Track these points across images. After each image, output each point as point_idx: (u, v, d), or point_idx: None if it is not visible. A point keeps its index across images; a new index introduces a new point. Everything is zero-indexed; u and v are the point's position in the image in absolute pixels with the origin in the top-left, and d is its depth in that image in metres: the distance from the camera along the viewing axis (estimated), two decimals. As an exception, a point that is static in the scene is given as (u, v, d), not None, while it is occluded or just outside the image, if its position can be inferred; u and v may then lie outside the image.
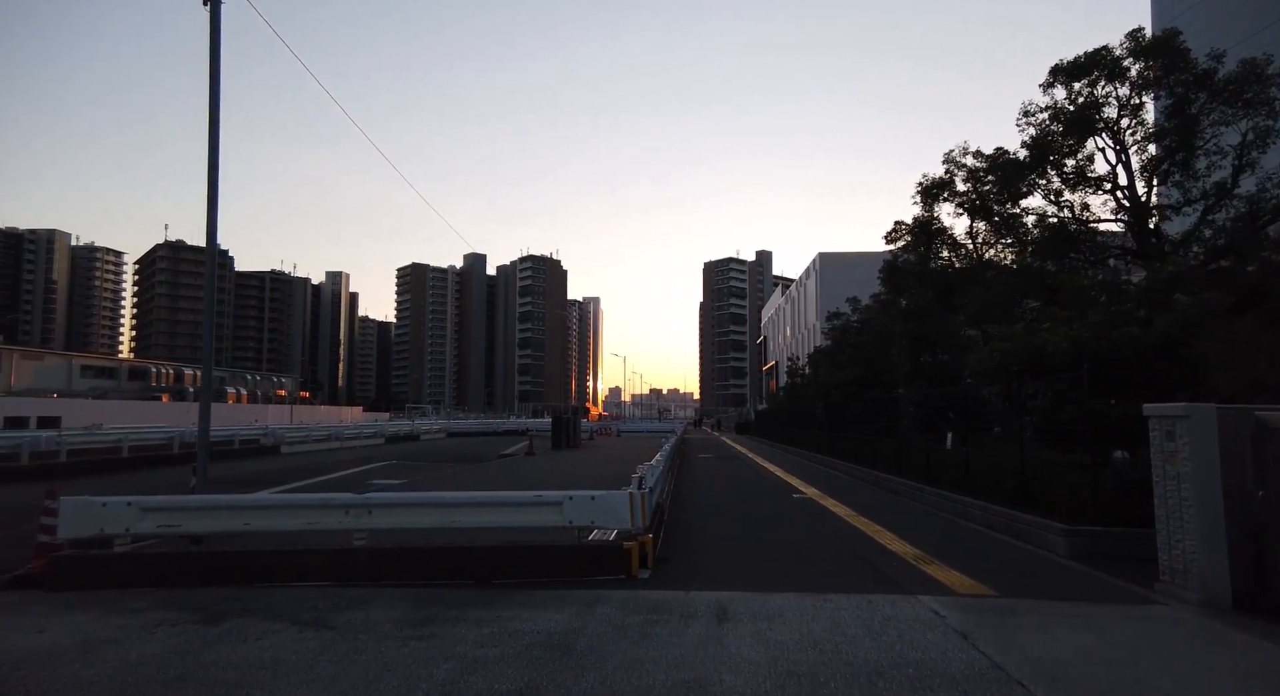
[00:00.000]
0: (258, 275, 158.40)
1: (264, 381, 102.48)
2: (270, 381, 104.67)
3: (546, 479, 15.75)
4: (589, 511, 7.24)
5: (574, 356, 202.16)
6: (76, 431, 21.84)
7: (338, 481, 15.41)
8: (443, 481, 15.21)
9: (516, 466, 20.22)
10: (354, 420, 77.19)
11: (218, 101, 9.00)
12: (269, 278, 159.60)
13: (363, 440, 32.49)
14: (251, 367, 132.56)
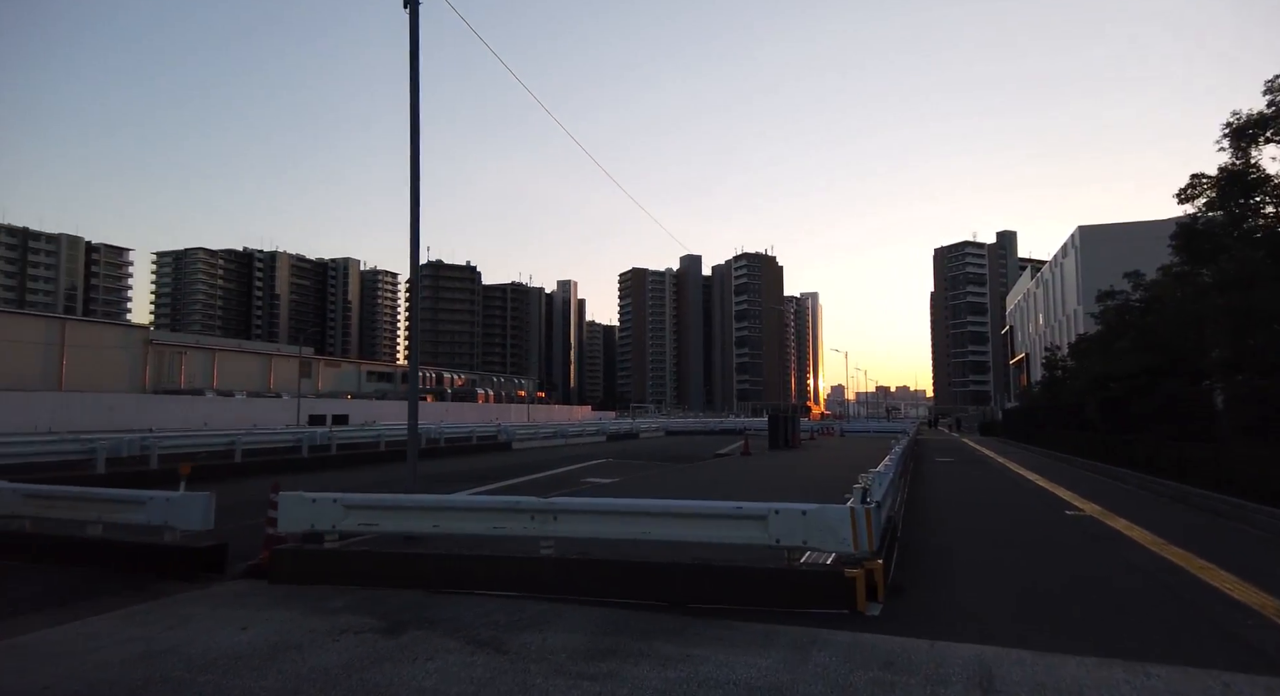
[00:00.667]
0: (500, 287, 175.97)
1: (507, 383, 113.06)
2: (512, 383, 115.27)
3: (759, 482, 14.64)
4: (799, 528, 6.04)
5: (792, 354, 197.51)
6: (352, 428, 25.15)
7: (552, 478, 15.70)
8: (653, 481, 14.79)
9: (730, 467, 19.34)
10: (582, 418, 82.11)
11: (417, 110, 9.16)
12: (509, 289, 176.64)
13: (585, 438, 33.84)
14: (497, 371, 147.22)
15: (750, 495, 12.07)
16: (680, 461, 21.62)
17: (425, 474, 16.74)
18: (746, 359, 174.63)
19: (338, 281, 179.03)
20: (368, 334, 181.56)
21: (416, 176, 9.18)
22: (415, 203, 9.18)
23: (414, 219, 9.23)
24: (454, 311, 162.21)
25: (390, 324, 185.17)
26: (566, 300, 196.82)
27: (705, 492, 12.54)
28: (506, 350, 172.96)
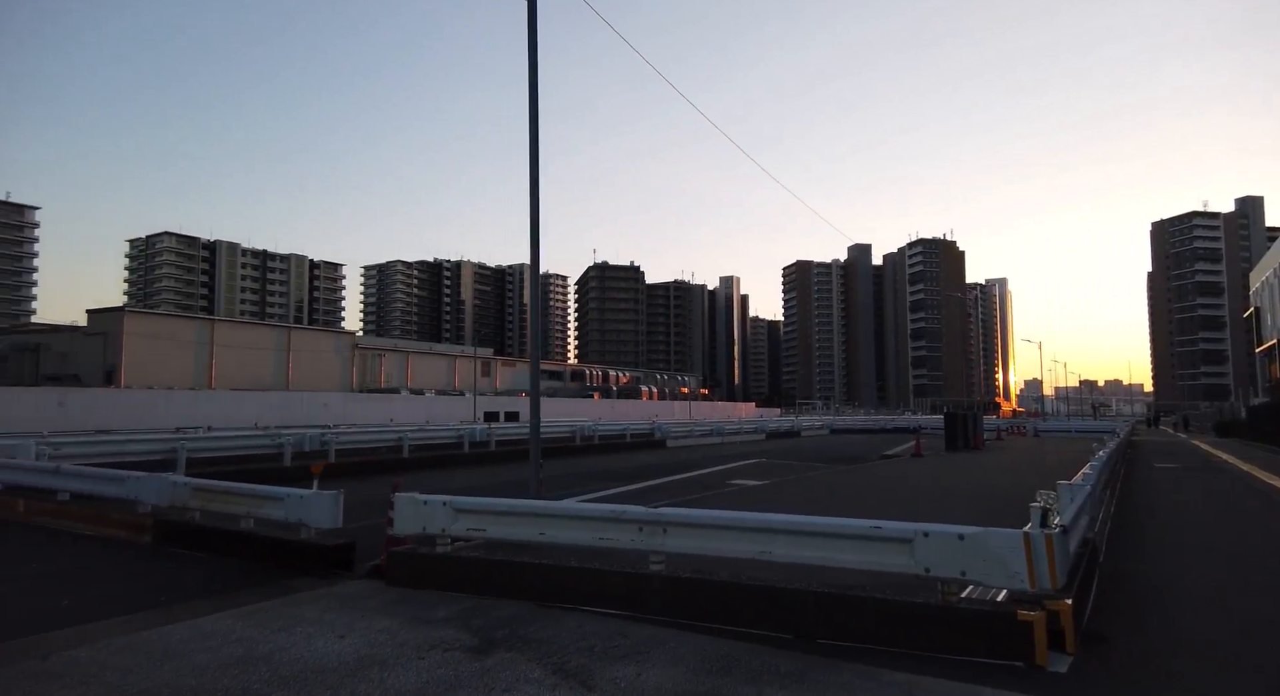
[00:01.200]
0: (663, 286, 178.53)
1: (670, 380, 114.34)
2: (675, 380, 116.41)
3: (926, 491, 13.04)
4: (955, 556, 4.94)
5: (977, 346, 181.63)
6: (511, 425, 26.24)
7: (697, 479, 15.09)
8: (805, 485, 13.70)
9: (896, 471, 17.62)
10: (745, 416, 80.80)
11: (536, 105, 8.89)
12: (672, 287, 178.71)
13: (743, 435, 32.92)
14: (661, 368, 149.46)
15: (914, 505, 10.70)
16: (840, 463, 20.14)
17: (571, 471, 16.87)
18: (923, 352, 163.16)
19: (514, 286, 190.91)
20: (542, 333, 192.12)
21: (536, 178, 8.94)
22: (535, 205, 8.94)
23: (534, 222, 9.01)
24: (619, 311, 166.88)
25: (561, 324, 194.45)
26: (729, 296, 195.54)
27: (860, 500, 11.31)
28: (670, 348, 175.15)
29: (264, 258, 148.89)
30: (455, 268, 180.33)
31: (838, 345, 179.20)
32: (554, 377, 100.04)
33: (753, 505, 10.23)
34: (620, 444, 24.61)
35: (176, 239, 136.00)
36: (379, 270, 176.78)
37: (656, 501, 10.86)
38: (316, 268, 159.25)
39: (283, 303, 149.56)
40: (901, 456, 23.48)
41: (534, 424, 8.73)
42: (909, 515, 8.76)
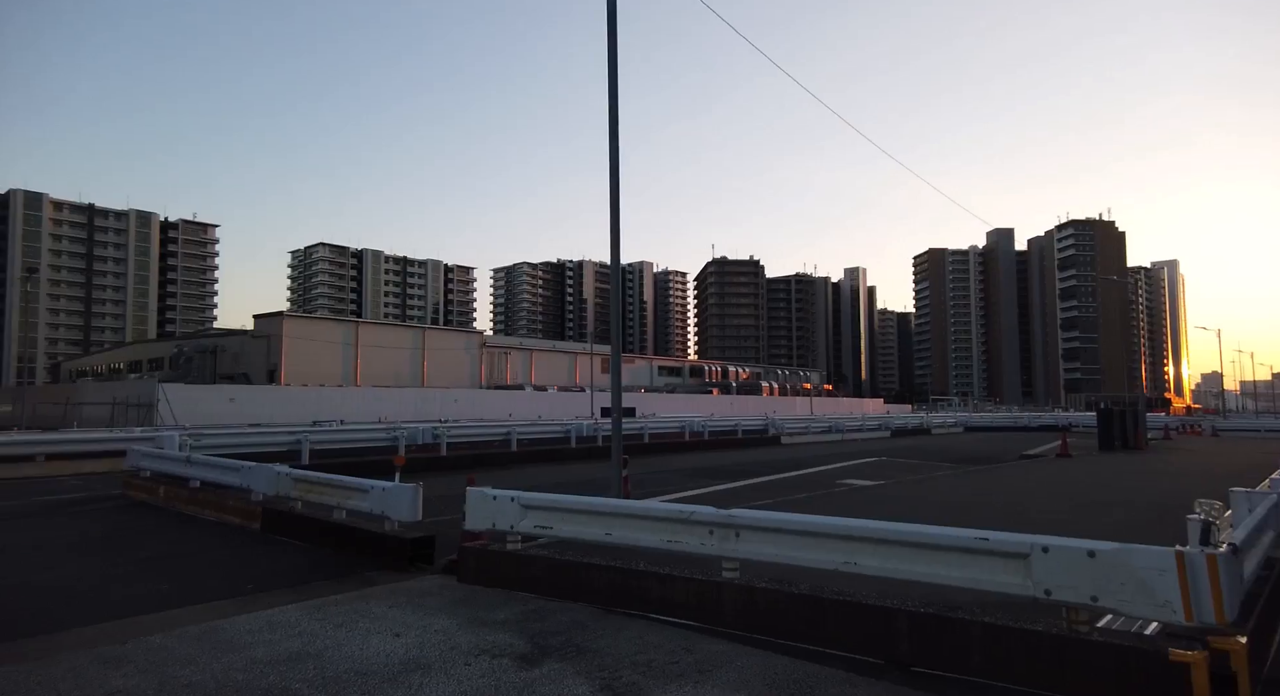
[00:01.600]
0: (784, 279, 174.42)
1: (792, 376, 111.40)
2: (797, 376, 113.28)
3: (1069, 497, 11.50)
4: (1084, 577, 4.07)
5: (1142, 336, 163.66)
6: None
7: (805, 478, 14.20)
8: (924, 487, 12.53)
9: (1035, 473, 15.85)
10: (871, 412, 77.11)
11: (616, 100, 8.50)
12: (793, 280, 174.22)
13: (865, 433, 31.16)
14: (783, 364, 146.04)
15: (1050, 513, 9.42)
16: (970, 463, 18.43)
17: (674, 467, 16.48)
18: (1076, 344, 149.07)
19: (634, 283, 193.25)
20: (661, 330, 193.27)
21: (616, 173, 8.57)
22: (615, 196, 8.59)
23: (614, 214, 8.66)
24: (738, 306, 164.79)
25: (681, 321, 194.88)
26: (855, 288, 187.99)
27: (984, 505, 10.12)
28: (792, 343, 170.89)
29: (404, 264, 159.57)
30: (577, 267, 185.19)
31: (976, 338, 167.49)
32: (673, 374, 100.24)
33: (860, 508, 9.40)
34: (732, 440, 23.94)
35: (329, 249, 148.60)
36: (506, 272, 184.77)
37: (756, 501, 10.24)
38: (450, 271, 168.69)
39: (421, 304, 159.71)
40: (1045, 457, 21.25)
41: (615, 419, 8.32)
42: (1041, 525, 7.67)
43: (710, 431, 23.80)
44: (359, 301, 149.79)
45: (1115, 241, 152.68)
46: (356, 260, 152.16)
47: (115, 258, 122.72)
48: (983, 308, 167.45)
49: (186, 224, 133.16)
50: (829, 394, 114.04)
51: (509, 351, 79.08)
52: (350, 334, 64.73)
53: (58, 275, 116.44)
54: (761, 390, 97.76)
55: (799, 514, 5.07)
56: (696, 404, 67.27)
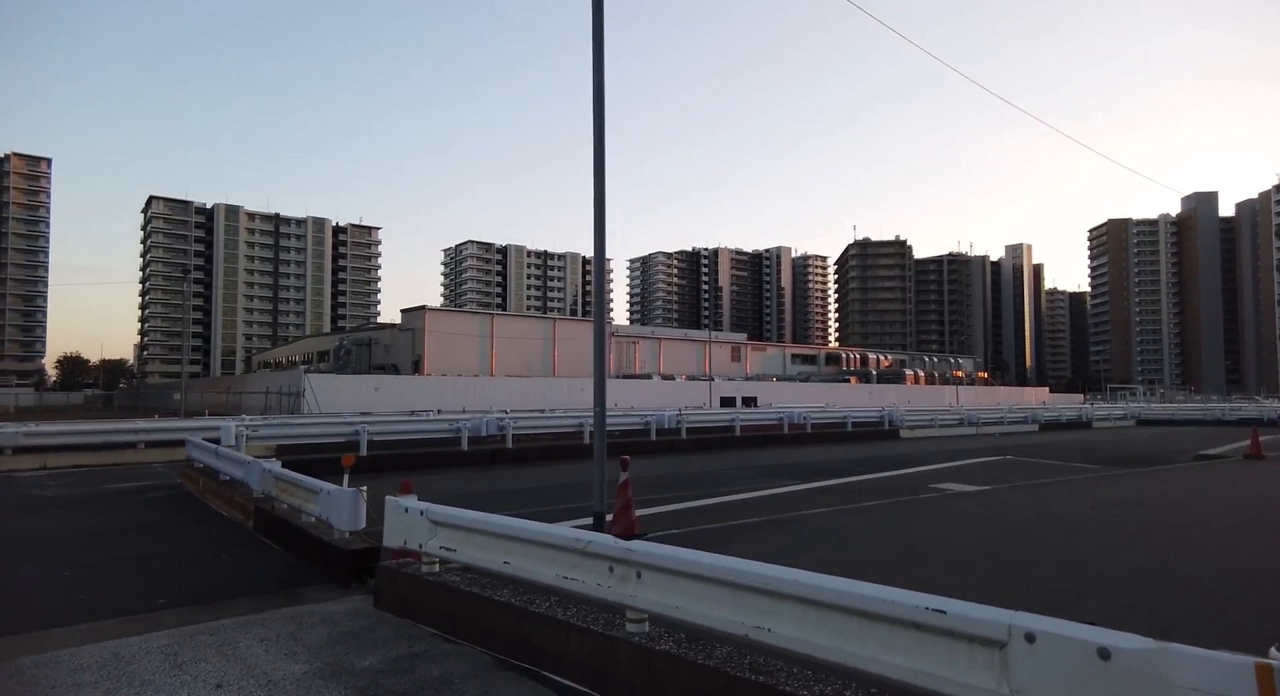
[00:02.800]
0: (934, 260, 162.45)
1: (940, 363, 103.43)
2: (947, 363, 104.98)
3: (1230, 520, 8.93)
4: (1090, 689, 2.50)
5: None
6: (712, 412, 24.87)
7: (893, 480, 12.15)
8: (1037, 496, 10.28)
9: (1197, 480, 12.77)
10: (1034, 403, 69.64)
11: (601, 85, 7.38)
12: (945, 260, 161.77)
13: (1006, 426, 27.47)
14: (934, 350, 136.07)
15: (1212, 540, 7.19)
16: (1121, 465, 15.33)
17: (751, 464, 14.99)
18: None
19: (772, 270, 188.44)
20: (800, 317, 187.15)
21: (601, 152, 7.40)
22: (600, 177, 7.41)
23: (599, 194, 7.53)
24: (882, 290, 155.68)
25: (821, 306, 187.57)
26: (1018, 266, 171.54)
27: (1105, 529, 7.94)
28: (944, 327, 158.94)
29: (544, 257, 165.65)
30: (713, 255, 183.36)
31: (1167, 318, 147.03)
32: (808, 362, 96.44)
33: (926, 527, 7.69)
34: (840, 434, 21.76)
35: (477, 246, 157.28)
36: (642, 262, 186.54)
37: (811, 507, 8.79)
38: (588, 263, 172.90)
39: (560, 296, 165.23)
40: (1228, 458, 17.46)
41: (598, 411, 7.12)
42: (1164, 567, 5.75)
43: (814, 424, 21.77)
44: (504, 294, 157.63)
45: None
46: (501, 255, 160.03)
47: (296, 261, 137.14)
48: (1175, 284, 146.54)
49: (354, 228, 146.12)
50: (984, 382, 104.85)
51: (637, 340, 79.38)
52: (486, 326, 67.68)
53: (251, 277, 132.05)
54: (905, 379, 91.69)
55: (712, 554, 3.75)
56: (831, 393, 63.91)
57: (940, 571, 5.60)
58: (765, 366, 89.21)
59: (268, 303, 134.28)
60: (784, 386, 66.28)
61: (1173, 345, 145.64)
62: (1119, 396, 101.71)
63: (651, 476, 12.61)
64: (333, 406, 38.37)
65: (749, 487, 11.20)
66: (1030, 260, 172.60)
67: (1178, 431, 29.43)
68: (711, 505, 9.45)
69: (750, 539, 6.71)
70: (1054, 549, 6.50)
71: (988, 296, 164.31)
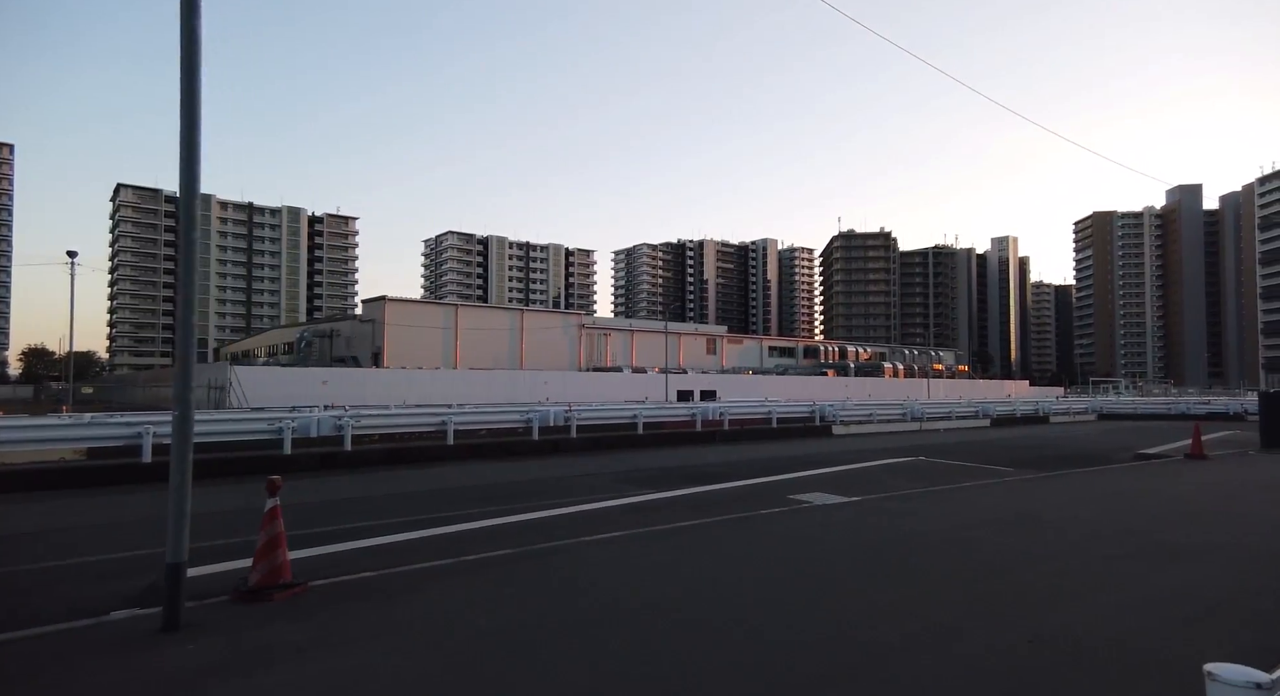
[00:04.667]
0: (919, 252, 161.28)
1: (921, 356, 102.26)
2: (928, 356, 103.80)
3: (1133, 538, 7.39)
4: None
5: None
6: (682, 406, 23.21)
7: (749, 490, 10.48)
8: (918, 510, 8.70)
9: (1119, 485, 11.28)
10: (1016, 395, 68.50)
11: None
12: (931, 253, 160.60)
13: (953, 421, 25.98)
14: (918, 343, 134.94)
15: (1047, 578, 5.58)
16: (1043, 467, 13.80)
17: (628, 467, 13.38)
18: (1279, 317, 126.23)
19: (758, 262, 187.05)
20: (786, 309, 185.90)
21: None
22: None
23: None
24: (867, 282, 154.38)
25: (807, 299, 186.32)
26: (1004, 259, 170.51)
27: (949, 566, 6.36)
28: (930, 320, 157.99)
29: (527, 249, 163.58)
30: (698, 247, 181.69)
31: (1150, 311, 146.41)
32: (786, 355, 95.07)
33: (724, 560, 6.11)
34: (763, 431, 20.09)
35: (457, 237, 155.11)
36: (626, 254, 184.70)
37: (612, 531, 7.17)
38: (571, 255, 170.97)
39: (543, 289, 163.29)
40: (1168, 458, 15.97)
41: (181, 410, 5.24)
42: (972, 633, 4.19)
43: (733, 420, 20.00)
44: (485, 286, 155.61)
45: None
46: (482, 246, 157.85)
47: (271, 251, 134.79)
48: (1159, 277, 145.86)
49: (331, 218, 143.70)
50: (964, 375, 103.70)
51: (609, 333, 77.63)
52: (450, 317, 65.76)
53: (224, 268, 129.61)
54: (883, 372, 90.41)
55: None
56: (804, 386, 62.39)
57: (621, 652, 3.94)
58: (742, 359, 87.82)
59: (241, 294, 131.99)
60: (752, 379, 64.77)
61: (1156, 338, 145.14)
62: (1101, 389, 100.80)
63: (479, 485, 10.97)
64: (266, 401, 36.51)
65: (580, 499, 9.54)
66: (1016, 253, 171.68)
67: (1136, 427, 28.01)
68: (477, 529, 7.59)
69: (426, 591, 5.08)
70: (868, 599, 4.89)
71: (973, 289, 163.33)
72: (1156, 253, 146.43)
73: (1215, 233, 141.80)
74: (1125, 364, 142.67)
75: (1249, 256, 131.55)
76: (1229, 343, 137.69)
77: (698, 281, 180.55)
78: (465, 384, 48.75)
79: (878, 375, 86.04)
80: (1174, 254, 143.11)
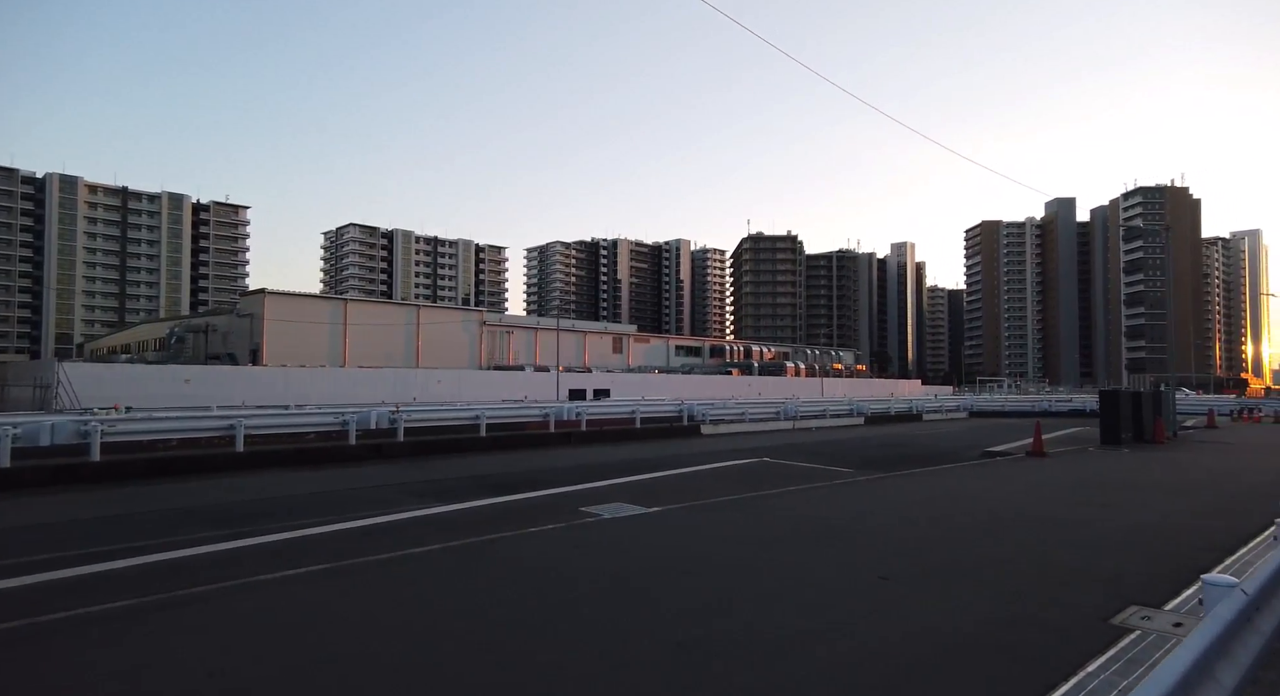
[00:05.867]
0: (824, 256, 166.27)
1: (822, 356, 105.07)
2: (828, 356, 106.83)
3: (920, 554, 6.85)
4: None
5: (1216, 312, 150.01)
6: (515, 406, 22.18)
7: (553, 500, 9.45)
8: (726, 519, 7.94)
9: (958, 488, 11.05)
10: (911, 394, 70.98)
11: None
12: (835, 257, 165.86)
13: (827, 419, 26.07)
14: (823, 344, 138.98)
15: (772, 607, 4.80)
16: (885, 467, 13.55)
17: (433, 476, 12.18)
18: (1141, 321, 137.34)
19: (671, 262, 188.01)
20: (699, 309, 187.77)
21: None
22: None
23: None
24: (776, 284, 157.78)
25: (720, 299, 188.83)
26: (902, 264, 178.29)
27: (700, 598, 5.55)
28: (834, 321, 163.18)
29: (435, 244, 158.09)
30: (612, 246, 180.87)
31: (1031, 315, 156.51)
32: (692, 354, 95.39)
33: (399, 607, 5.04)
34: (626, 431, 19.13)
35: (360, 229, 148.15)
36: (539, 251, 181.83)
37: (306, 565, 5.95)
38: (482, 251, 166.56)
39: (452, 285, 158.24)
40: (1010, 456, 16.17)
41: None
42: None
43: (592, 419, 18.84)
44: (390, 281, 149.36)
45: (1188, 209, 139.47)
46: (387, 240, 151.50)
47: (149, 240, 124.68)
48: (1040, 283, 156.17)
49: (218, 205, 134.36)
50: (862, 375, 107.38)
51: (511, 330, 75.48)
52: (338, 312, 62.06)
53: (94, 256, 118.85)
54: (786, 371, 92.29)
55: None
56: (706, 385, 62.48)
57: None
58: (649, 358, 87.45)
59: (114, 285, 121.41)
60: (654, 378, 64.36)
61: (1036, 340, 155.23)
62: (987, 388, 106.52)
63: (240, 502, 9.49)
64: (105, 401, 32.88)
65: (329, 519, 8.16)
66: (913, 258, 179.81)
67: (1000, 424, 28.98)
68: (128, 569, 6.24)
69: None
70: (533, 662, 3.92)
71: (874, 292, 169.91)
72: (1037, 260, 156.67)
73: (1087, 243, 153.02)
74: (1009, 364, 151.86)
75: (1115, 265, 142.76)
76: (1098, 344, 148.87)
77: (611, 280, 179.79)
78: (349, 383, 45.98)
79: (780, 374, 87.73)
80: (1052, 262, 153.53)
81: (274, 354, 56.58)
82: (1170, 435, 21.34)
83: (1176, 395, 24.43)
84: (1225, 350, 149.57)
